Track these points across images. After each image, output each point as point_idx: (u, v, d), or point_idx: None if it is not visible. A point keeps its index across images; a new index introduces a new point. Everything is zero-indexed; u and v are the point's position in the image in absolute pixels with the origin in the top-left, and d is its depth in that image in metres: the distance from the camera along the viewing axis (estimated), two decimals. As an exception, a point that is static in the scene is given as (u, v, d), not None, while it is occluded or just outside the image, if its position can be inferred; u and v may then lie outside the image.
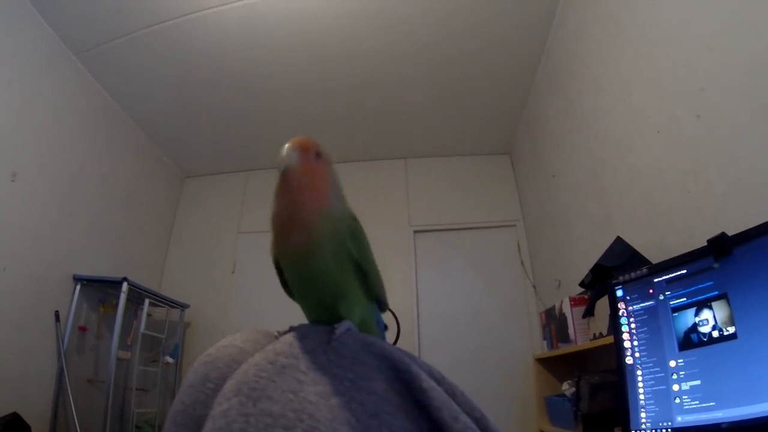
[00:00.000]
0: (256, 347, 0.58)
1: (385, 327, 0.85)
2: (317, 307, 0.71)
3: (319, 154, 0.73)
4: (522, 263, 4.33)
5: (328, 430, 0.42)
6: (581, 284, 2.38)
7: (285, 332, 0.62)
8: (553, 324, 2.86)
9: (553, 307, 2.87)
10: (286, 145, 0.71)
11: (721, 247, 1.13)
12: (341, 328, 0.60)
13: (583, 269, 2.41)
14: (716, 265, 1.15)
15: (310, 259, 0.67)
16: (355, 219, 0.74)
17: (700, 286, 1.17)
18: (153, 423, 3.86)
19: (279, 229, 0.69)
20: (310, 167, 0.70)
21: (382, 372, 0.52)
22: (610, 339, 1.90)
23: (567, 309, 2.59)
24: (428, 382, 0.52)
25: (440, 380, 0.54)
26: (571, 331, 2.54)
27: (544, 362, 3.11)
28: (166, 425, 0.54)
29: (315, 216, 0.67)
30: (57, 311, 3.25)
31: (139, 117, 4.25)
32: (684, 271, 1.23)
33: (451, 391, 0.53)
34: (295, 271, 0.71)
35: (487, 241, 4.51)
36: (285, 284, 0.77)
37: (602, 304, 2.16)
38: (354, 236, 0.71)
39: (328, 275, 0.68)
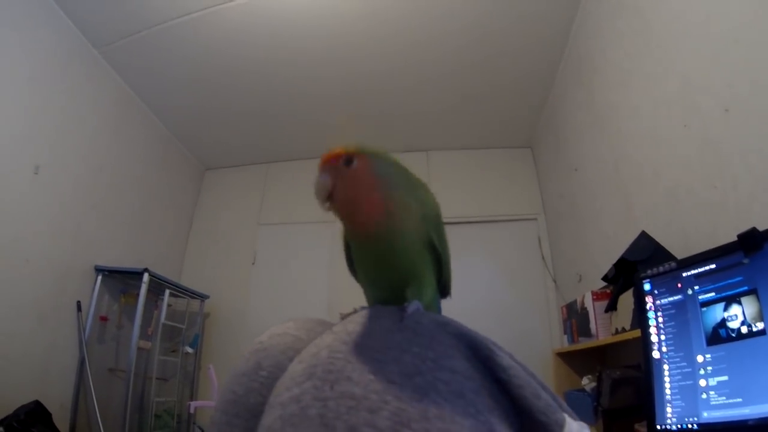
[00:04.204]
0: (311, 335, 0.56)
1: None
2: (385, 289, 0.70)
3: (349, 160, 0.65)
4: (542, 257, 4.30)
5: (416, 411, 0.40)
6: (604, 278, 2.35)
7: (350, 314, 0.60)
8: (574, 318, 2.84)
9: (575, 301, 2.85)
10: (318, 175, 0.66)
11: (751, 241, 1.12)
12: (412, 307, 0.58)
13: (604, 264, 2.39)
14: (746, 261, 1.13)
15: (389, 247, 0.65)
16: (437, 205, 0.72)
17: (730, 281, 1.16)
18: (172, 412, 3.91)
19: (353, 227, 0.68)
20: (351, 178, 0.65)
21: (460, 351, 0.50)
22: (633, 334, 1.89)
23: (589, 303, 2.57)
24: (508, 360, 0.50)
25: (513, 358, 0.53)
26: (592, 325, 2.52)
27: (564, 356, 3.09)
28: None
29: (384, 219, 0.64)
30: (79, 301, 3.30)
31: (159, 110, 4.29)
32: (713, 266, 1.21)
33: (526, 370, 0.52)
34: (369, 254, 0.69)
35: (508, 234, 4.49)
36: (350, 263, 0.75)
37: (625, 299, 2.14)
38: (437, 224, 0.70)
39: (407, 261, 0.67)
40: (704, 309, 1.21)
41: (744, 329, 1.10)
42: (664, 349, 1.29)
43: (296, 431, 0.40)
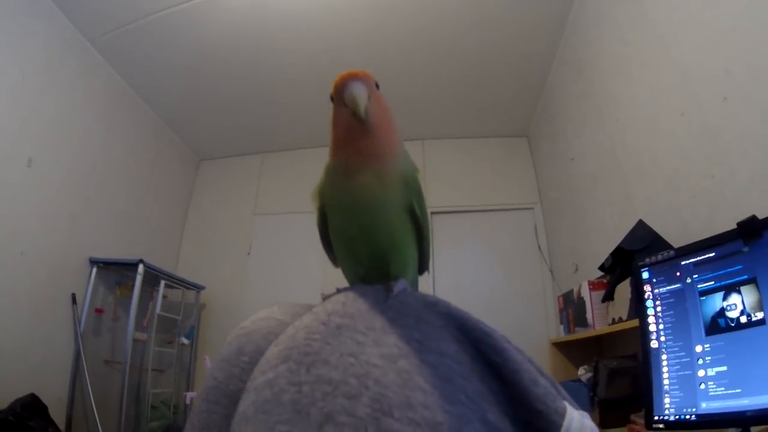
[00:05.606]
0: (295, 320, 0.52)
1: None
2: (366, 264, 0.65)
3: (377, 86, 0.65)
4: (539, 247, 4.30)
5: (399, 398, 0.37)
6: (601, 268, 2.35)
7: (332, 294, 0.56)
8: (571, 308, 2.85)
9: (571, 291, 2.85)
10: (351, 82, 0.62)
11: (751, 230, 1.11)
12: (398, 285, 0.55)
13: (601, 253, 2.39)
14: (746, 249, 1.12)
15: (372, 204, 0.61)
16: (419, 171, 0.68)
17: (729, 269, 1.15)
18: (168, 403, 3.90)
19: (346, 167, 0.62)
20: (380, 102, 0.63)
21: (449, 332, 0.46)
22: (630, 323, 1.89)
23: (586, 293, 2.57)
24: (502, 343, 0.47)
25: (508, 341, 0.49)
26: (589, 315, 2.52)
27: (560, 346, 3.10)
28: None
29: (389, 158, 0.62)
30: (74, 294, 3.28)
31: (154, 101, 4.26)
32: (712, 254, 1.20)
33: (522, 354, 0.48)
34: (349, 216, 0.64)
35: (504, 224, 4.49)
36: (325, 238, 0.71)
37: (621, 289, 2.14)
38: (419, 191, 0.66)
39: (387, 224, 0.63)
40: (703, 298, 1.20)
41: (743, 319, 1.09)
42: (662, 338, 1.28)
43: (269, 418, 0.38)
